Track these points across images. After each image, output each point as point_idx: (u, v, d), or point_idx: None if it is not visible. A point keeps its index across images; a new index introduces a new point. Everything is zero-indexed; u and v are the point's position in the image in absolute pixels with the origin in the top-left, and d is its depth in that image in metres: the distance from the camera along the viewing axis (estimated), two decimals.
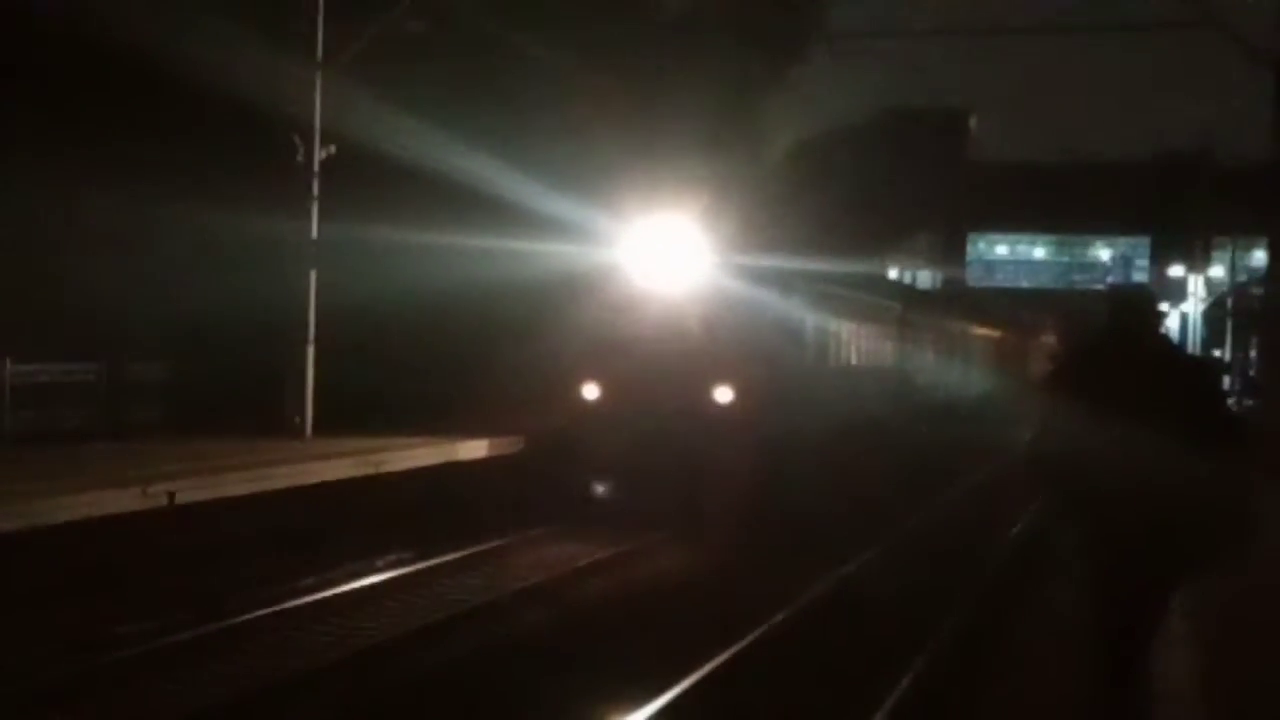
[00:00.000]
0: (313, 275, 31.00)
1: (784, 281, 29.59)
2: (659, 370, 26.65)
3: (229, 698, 14.28)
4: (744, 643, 16.42)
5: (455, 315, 34.51)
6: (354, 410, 31.33)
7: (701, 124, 43.36)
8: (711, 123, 44.53)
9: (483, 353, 34.28)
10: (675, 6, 52.07)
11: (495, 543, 23.64)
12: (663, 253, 27.54)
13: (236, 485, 23.64)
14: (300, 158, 30.72)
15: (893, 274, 78.82)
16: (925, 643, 16.13)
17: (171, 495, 22.04)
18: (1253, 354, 77.28)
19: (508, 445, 30.46)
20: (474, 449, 29.92)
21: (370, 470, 26.83)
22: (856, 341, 36.80)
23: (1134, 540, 8.26)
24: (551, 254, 30.14)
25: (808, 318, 31.35)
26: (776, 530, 24.99)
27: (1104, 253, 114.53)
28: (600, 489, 26.51)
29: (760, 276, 28.37)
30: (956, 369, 50.17)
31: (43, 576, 18.57)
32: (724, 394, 26.84)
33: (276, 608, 18.12)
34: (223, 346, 32.08)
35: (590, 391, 27.32)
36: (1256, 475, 8.71)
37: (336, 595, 19.23)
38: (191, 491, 22.51)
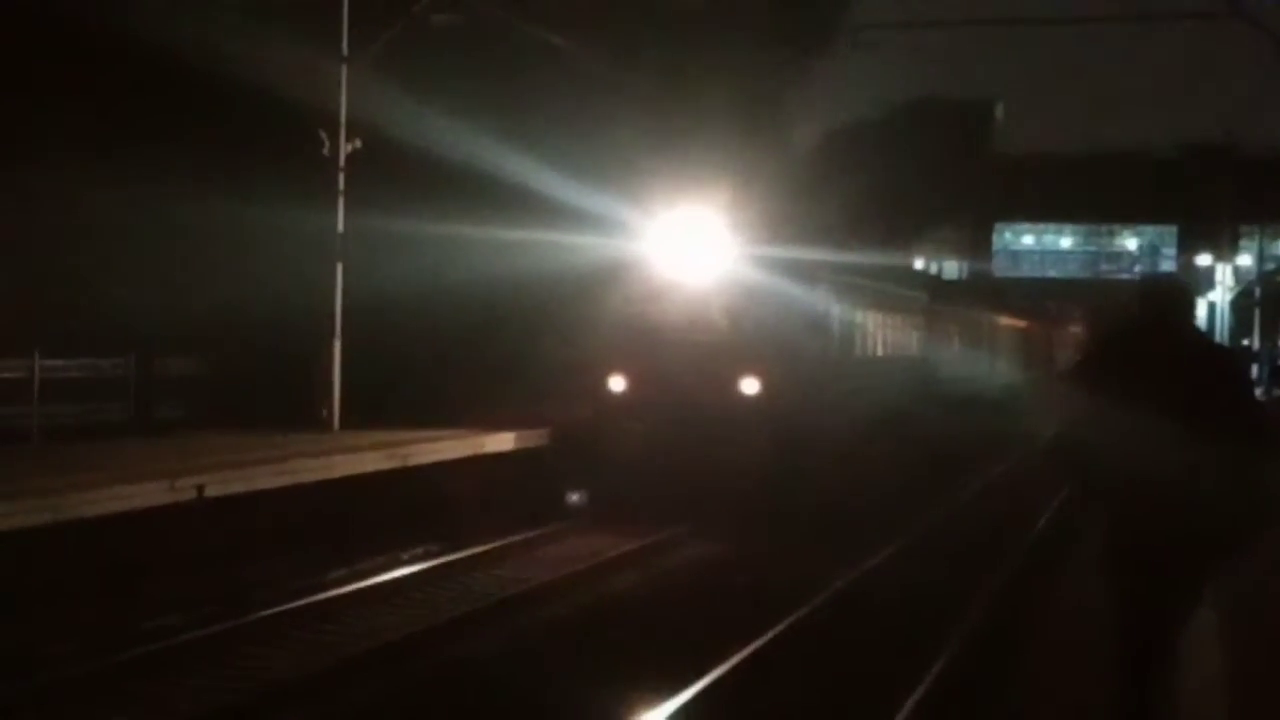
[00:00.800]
0: (339, 269, 31.04)
1: (809, 273, 29.56)
2: (684, 362, 26.69)
3: (258, 691, 14.37)
4: (769, 635, 16.45)
5: (482, 307, 34.59)
6: (381, 403, 31.40)
7: (725, 116, 43.38)
8: (735, 115, 44.55)
9: (509, 345, 34.37)
10: None
11: (522, 535, 23.71)
12: (687, 245, 27.59)
13: (265, 479, 23.69)
14: (326, 151, 30.80)
15: (918, 265, 78.70)
16: (949, 639, 16.17)
17: (200, 489, 22.10)
18: None
19: (535, 438, 30.49)
20: (501, 441, 29.93)
21: (398, 463, 26.87)
22: (882, 333, 36.77)
23: (1157, 533, 8.27)
24: (576, 246, 30.21)
25: (833, 309, 31.34)
26: (801, 522, 25.05)
27: (1131, 242, 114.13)
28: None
29: (785, 268, 28.35)
30: (983, 360, 50.10)
31: (71, 571, 18.64)
32: (749, 386, 26.87)
33: (306, 601, 18.23)
34: (251, 340, 32.21)
35: (616, 384, 27.38)
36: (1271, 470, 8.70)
37: (365, 588, 19.32)
38: (220, 485, 22.56)
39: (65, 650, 15.59)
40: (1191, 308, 9.12)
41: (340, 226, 31.00)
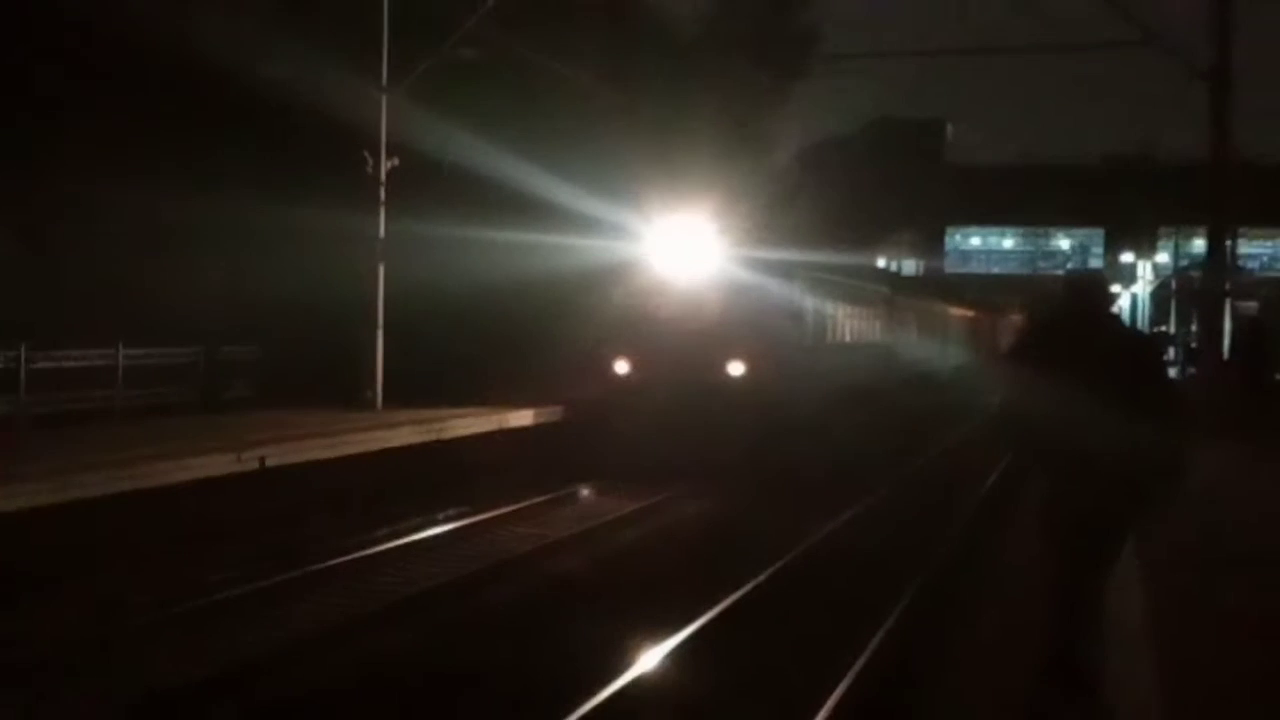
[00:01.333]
0: (380, 269, 31.22)
1: (786, 270, 29.64)
2: (680, 348, 26.76)
3: (314, 632, 14.43)
4: (758, 580, 16.49)
5: (503, 301, 34.62)
6: (418, 385, 31.48)
7: (715, 134, 43.42)
8: (723, 133, 44.59)
9: (527, 334, 34.41)
10: (691, 32, 52.19)
11: (540, 498, 23.70)
12: (682, 246, 27.65)
13: (318, 451, 23.77)
14: (370, 169, 30.95)
15: (880, 263, 78.69)
16: (912, 582, 16.29)
17: (262, 460, 22.19)
18: (1193, 328, 77.21)
19: (550, 415, 30.59)
20: (521, 417, 30.04)
21: (433, 437, 26.95)
22: (849, 322, 36.81)
23: (1087, 491, 8.32)
24: (585, 248, 30.27)
25: (807, 302, 31.40)
26: (782, 485, 25.10)
27: (1064, 242, 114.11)
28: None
29: (766, 266, 28.46)
30: (936, 344, 50.13)
31: (150, 532, 18.72)
32: (736, 368, 26.94)
33: (354, 555, 18.25)
34: (304, 331, 32.27)
35: (621, 367, 27.44)
36: (1194, 434, 8.76)
37: (406, 544, 19.34)
38: (279, 456, 22.66)
39: (145, 599, 15.64)
40: (1107, 298, 9.14)
41: (381, 232, 31.16)
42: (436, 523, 21.15)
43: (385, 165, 31.07)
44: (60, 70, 28.99)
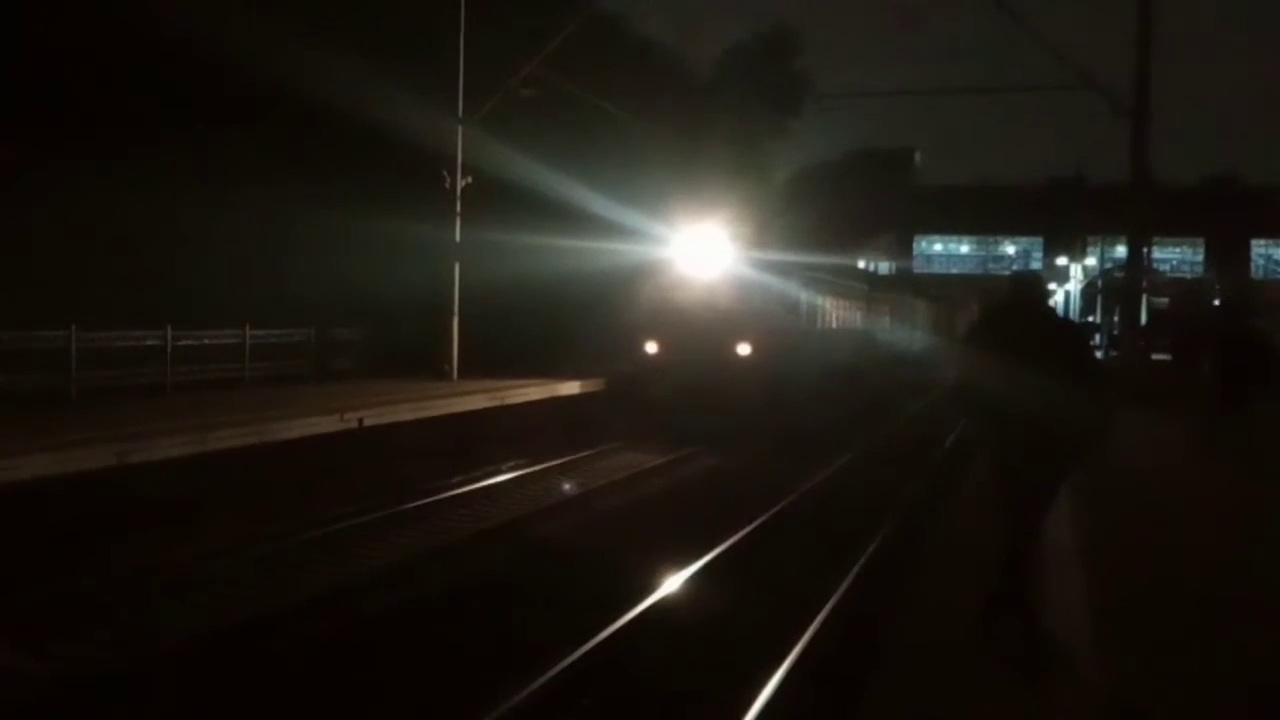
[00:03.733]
0: (456, 267, 31.36)
1: (785, 270, 29.71)
2: (698, 333, 26.83)
3: (408, 557, 14.64)
4: (764, 518, 16.68)
5: (556, 293, 34.76)
6: (487, 361, 31.65)
7: (727, 159, 43.49)
8: (734, 158, 44.64)
9: (575, 319, 34.53)
10: (709, 76, 52.27)
11: (585, 453, 23.83)
12: (700, 249, 27.74)
13: (406, 413, 23.93)
14: (447, 186, 31.09)
15: (860, 264, 78.58)
16: (890, 512, 16.58)
17: (360, 420, 22.37)
18: (1115, 319, 77.06)
19: (593, 386, 30.73)
20: (570, 388, 30.19)
21: (498, 402, 27.11)
22: (835, 312, 36.84)
23: (1028, 447, 8.40)
24: (621, 251, 30.38)
25: (801, 295, 31.46)
26: (780, 443, 25.21)
27: (1010, 248, 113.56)
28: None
29: (768, 266, 28.53)
30: (906, 330, 50.10)
31: (274, 477, 18.91)
32: (744, 349, 27.01)
33: (436, 497, 18.39)
34: (396, 316, 32.46)
35: (650, 347, 27.53)
36: (1112, 402, 8.83)
37: (477, 489, 19.47)
38: (374, 417, 22.83)
39: (274, 531, 15.85)
40: (1043, 292, 9.21)
41: (457, 238, 31.32)
42: (501, 471, 21.29)
43: (460, 183, 31.23)
44: (220, 107, 29.32)
